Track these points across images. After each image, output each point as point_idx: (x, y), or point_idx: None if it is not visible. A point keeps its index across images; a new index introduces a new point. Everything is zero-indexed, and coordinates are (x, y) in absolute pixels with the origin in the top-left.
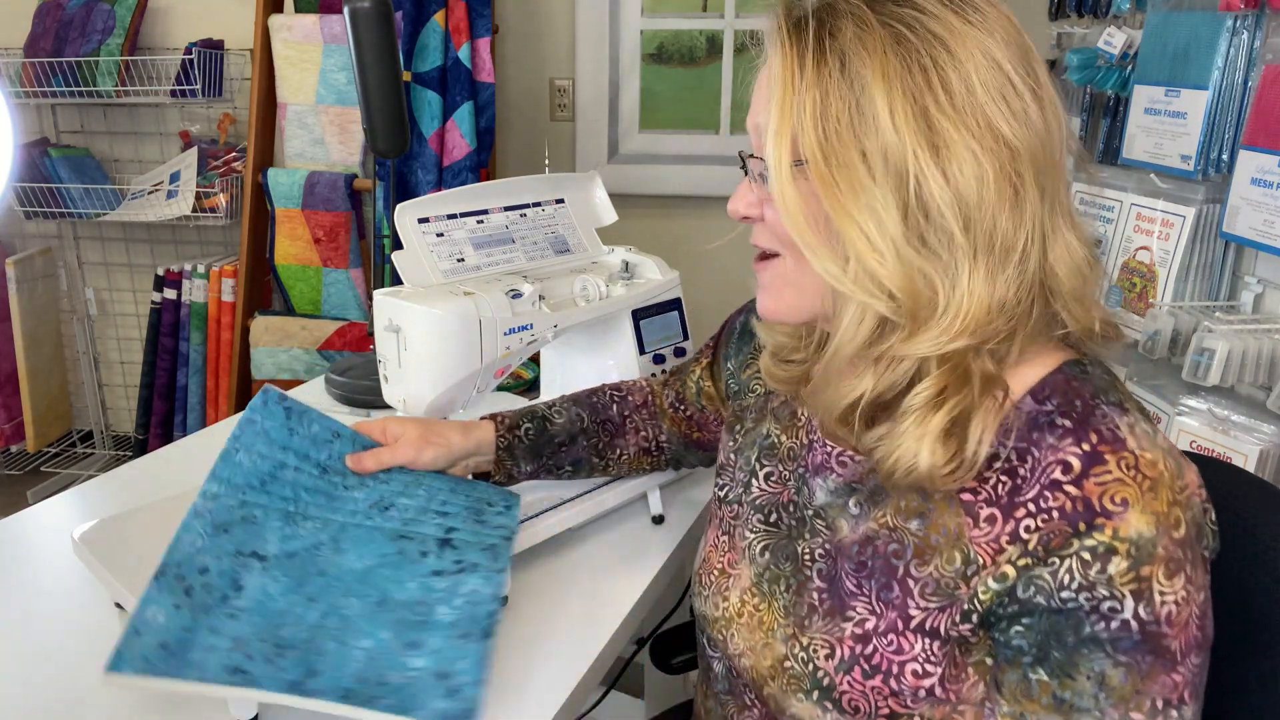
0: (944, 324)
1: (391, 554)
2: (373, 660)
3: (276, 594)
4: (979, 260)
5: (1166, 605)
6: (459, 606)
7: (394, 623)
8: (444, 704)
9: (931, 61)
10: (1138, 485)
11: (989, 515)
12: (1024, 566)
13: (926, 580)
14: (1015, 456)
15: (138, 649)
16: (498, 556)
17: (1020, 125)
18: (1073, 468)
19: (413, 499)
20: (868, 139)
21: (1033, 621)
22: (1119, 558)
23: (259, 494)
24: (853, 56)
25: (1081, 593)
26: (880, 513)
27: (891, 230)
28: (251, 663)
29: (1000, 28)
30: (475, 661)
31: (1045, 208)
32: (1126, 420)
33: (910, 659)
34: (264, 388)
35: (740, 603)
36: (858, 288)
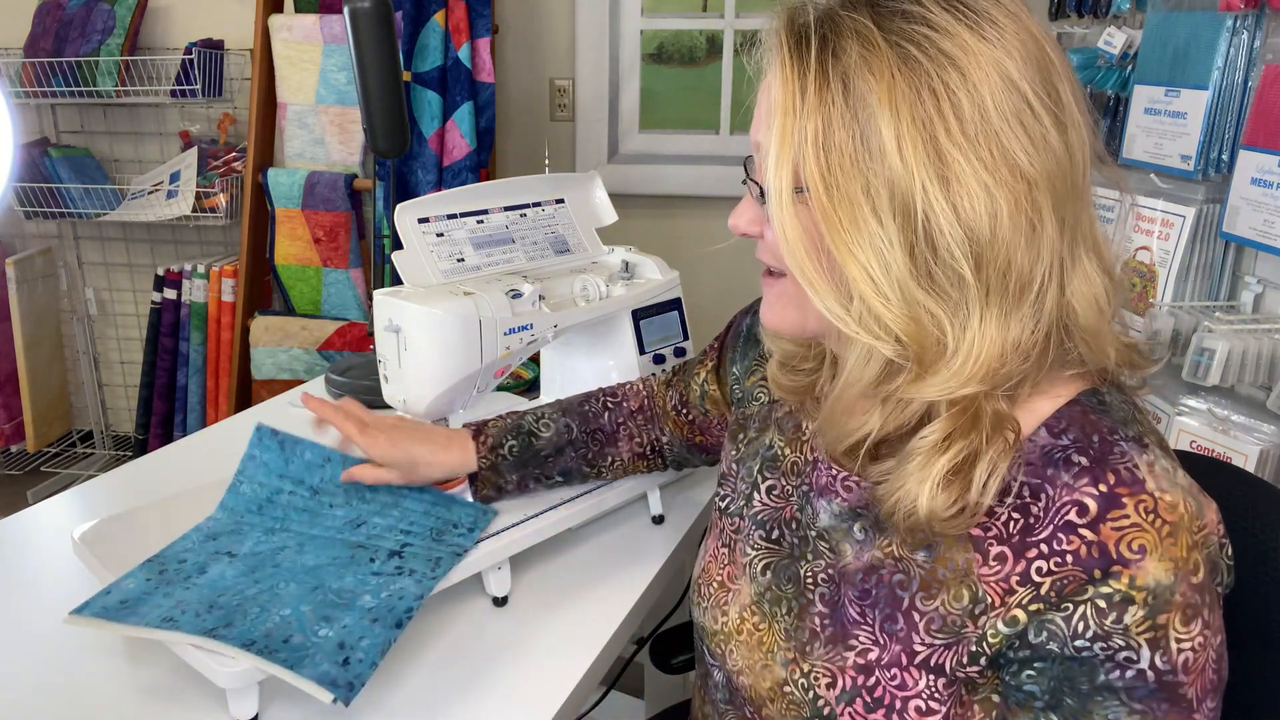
0: (954, 368)
1: (345, 558)
2: (285, 624)
3: (230, 576)
4: (992, 300)
5: (1184, 653)
6: (382, 598)
7: (318, 601)
8: (332, 670)
9: (943, 85)
10: (1156, 531)
11: (999, 553)
12: (1035, 611)
13: (933, 616)
14: (1028, 493)
15: (101, 602)
16: (438, 567)
17: (1038, 152)
18: (1089, 510)
19: (385, 518)
20: (873, 171)
21: (1045, 667)
22: (1135, 607)
23: (254, 515)
24: (857, 80)
25: (1096, 642)
26: (886, 541)
27: (897, 269)
28: (183, 617)
29: (1020, 43)
30: (376, 644)
31: (1065, 240)
32: (1146, 458)
33: (914, 695)
34: (256, 426)
35: (740, 619)
36: (862, 329)
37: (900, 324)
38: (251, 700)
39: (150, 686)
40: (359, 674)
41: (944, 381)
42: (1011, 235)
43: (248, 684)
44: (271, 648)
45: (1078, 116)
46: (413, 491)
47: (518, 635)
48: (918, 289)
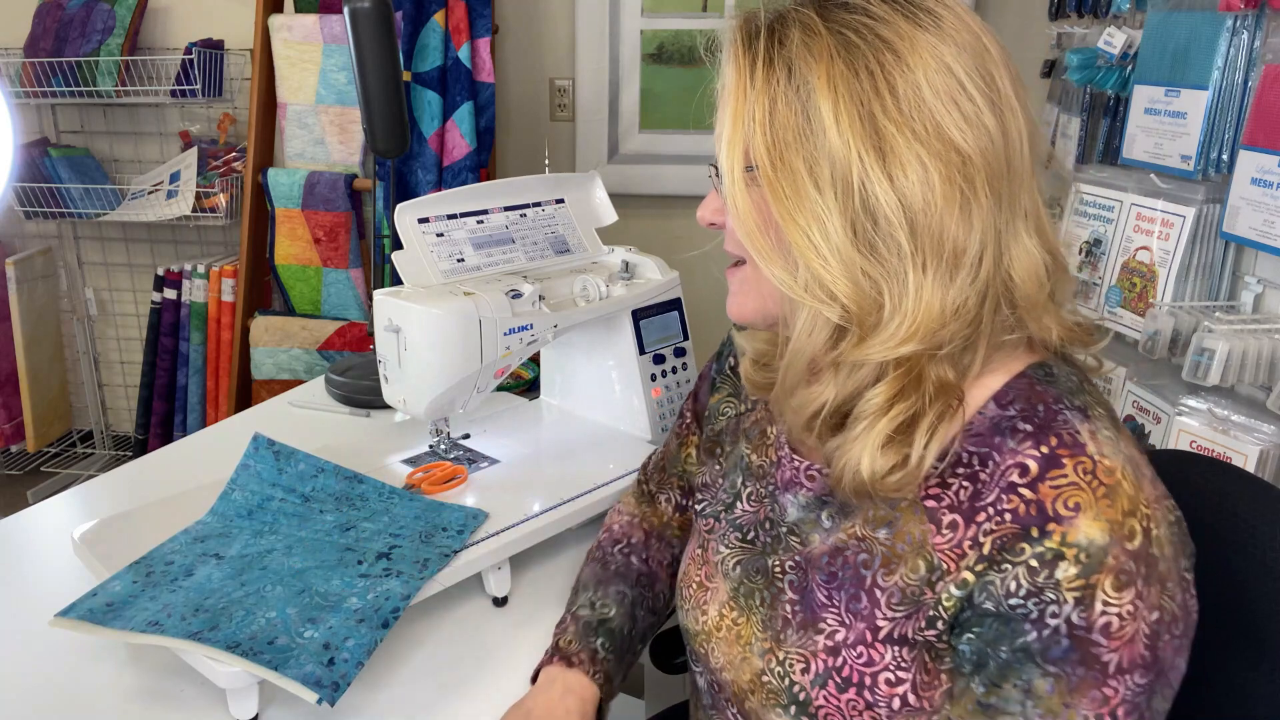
0: (892, 328)
1: (332, 560)
2: (271, 626)
3: (216, 579)
4: (928, 266)
5: (1107, 616)
6: (368, 599)
7: (304, 604)
8: (317, 670)
9: (879, 66)
10: (1092, 491)
11: (951, 521)
12: (980, 571)
13: (892, 590)
14: (978, 462)
15: (87, 604)
16: (426, 568)
17: (972, 130)
18: (1029, 471)
19: (374, 523)
20: (814, 145)
21: (981, 630)
22: (1067, 563)
23: (244, 520)
24: (799, 63)
25: (1030, 599)
26: (850, 524)
27: (837, 236)
28: (169, 620)
29: (956, 33)
30: (362, 644)
31: (1002, 214)
32: (1088, 426)
33: (882, 669)
34: (254, 435)
35: (719, 616)
36: (807, 294)
37: (841, 287)
38: (251, 700)
39: (150, 686)
40: (344, 674)
41: (884, 342)
42: (944, 205)
43: (247, 684)
44: (256, 649)
45: (1015, 104)
46: (403, 499)
47: (518, 635)
48: (857, 254)
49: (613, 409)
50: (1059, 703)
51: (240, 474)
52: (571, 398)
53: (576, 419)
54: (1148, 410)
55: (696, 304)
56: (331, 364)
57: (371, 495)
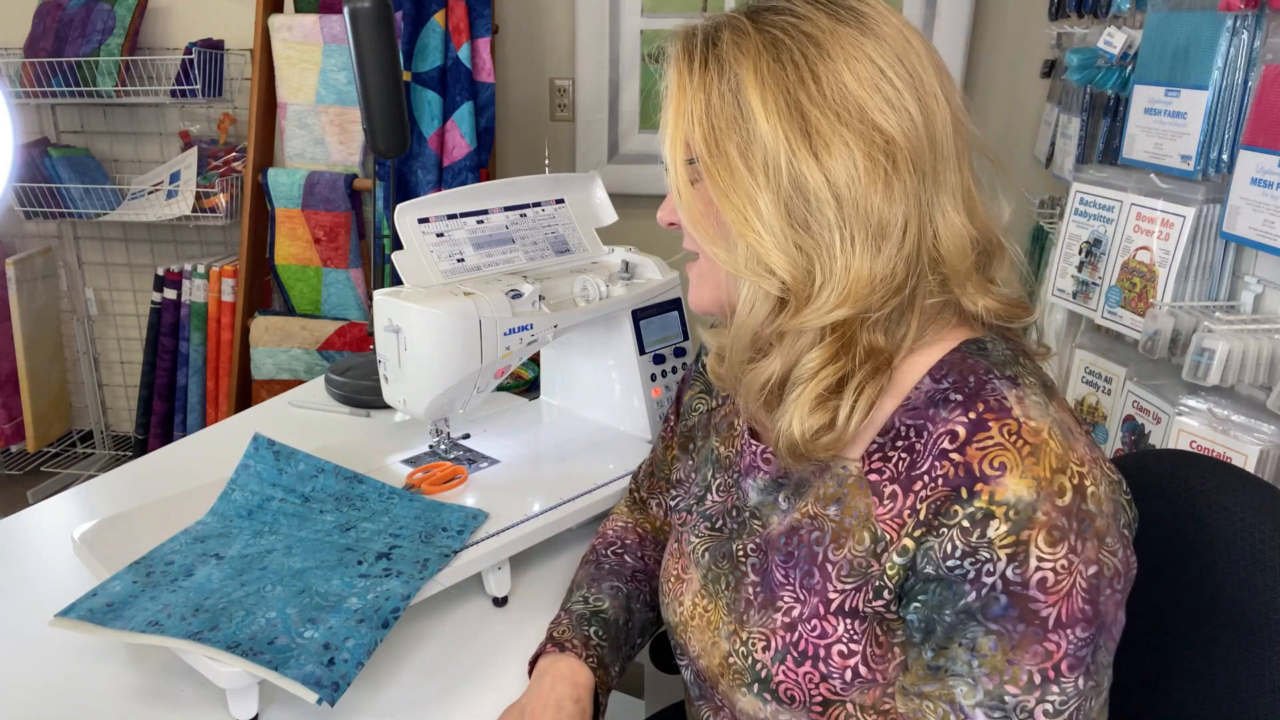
0: (825, 296)
1: (332, 560)
2: (271, 626)
3: (216, 579)
4: (855, 237)
5: (1042, 571)
6: (368, 599)
7: (304, 604)
8: (317, 670)
9: (803, 58)
10: (1017, 451)
11: (891, 492)
12: (919, 538)
13: (842, 563)
14: (914, 434)
15: (87, 604)
16: (426, 568)
17: (895, 113)
18: (959, 436)
19: (374, 523)
20: (746, 131)
21: (926, 597)
22: (997, 521)
23: (244, 520)
24: (730, 59)
25: (966, 559)
26: (803, 503)
27: (769, 213)
28: (169, 620)
29: (878, 27)
30: (362, 644)
31: (926, 189)
32: (1016, 392)
33: (835, 641)
34: (254, 436)
35: (692, 605)
36: (747, 270)
37: (776, 260)
38: (251, 701)
39: (150, 687)
40: (344, 674)
41: (817, 309)
42: (868, 180)
43: (247, 684)
44: (256, 649)
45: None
46: (403, 499)
47: (518, 635)
48: (789, 229)
49: (613, 409)
50: (1003, 659)
51: (240, 474)
52: (571, 398)
53: (576, 419)
54: (1148, 410)
55: None
56: (331, 364)
57: (371, 495)
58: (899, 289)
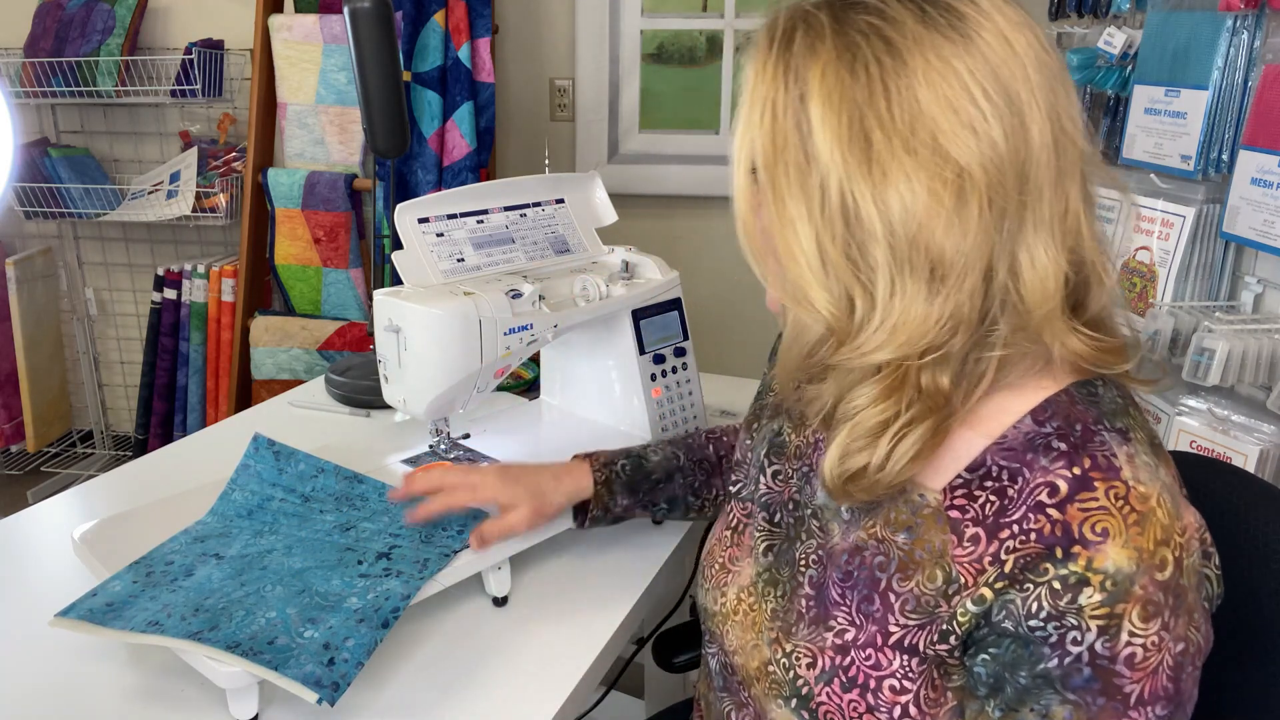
0: (865, 336)
1: (332, 560)
2: (270, 626)
3: (216, 578)
4: (907, 277)
5: (1132, 647)
6: (368, 599)
7: (304, 604)
8: (317, 670)
9: (879, 69)
10: (1123, 518)
11: (973, 534)
12: (1000, 589)
13: (908, 596)
14: (1007, 477)
15: (87, 604)
16: (425, 568)
17: (974, 139)
18: (1059, 491)
19: (375, 524)
20: (803, 149)
21: (998, 651)
22: (1091, 589)
23: (244, 520)
24: (799, 64)
25: (1050, 622)
26: (871, 522)
27: (814, 243)
28: (169, 620)
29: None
30: (362, 644)
31: (1007, 225)
32: (1126, 450)
33: (888, 674)
34: (254, 436)
35: (737, 600)
36: (790, 298)
37: (817, 294)
38: (251, 701)
39: (150, 686)
40: (344, 674)
41: (858, 349)
42: (927, 217)
43: (247, 684)
44: (256, 649)
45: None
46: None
47: (518, 635)
48: (833, 262)
49: (613, 409)
50: None
51: (240, 474)
52: (571, 398)
53: (576, 419)
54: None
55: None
56: (331, 364)
57: (372, 495)
58: (960, 330)
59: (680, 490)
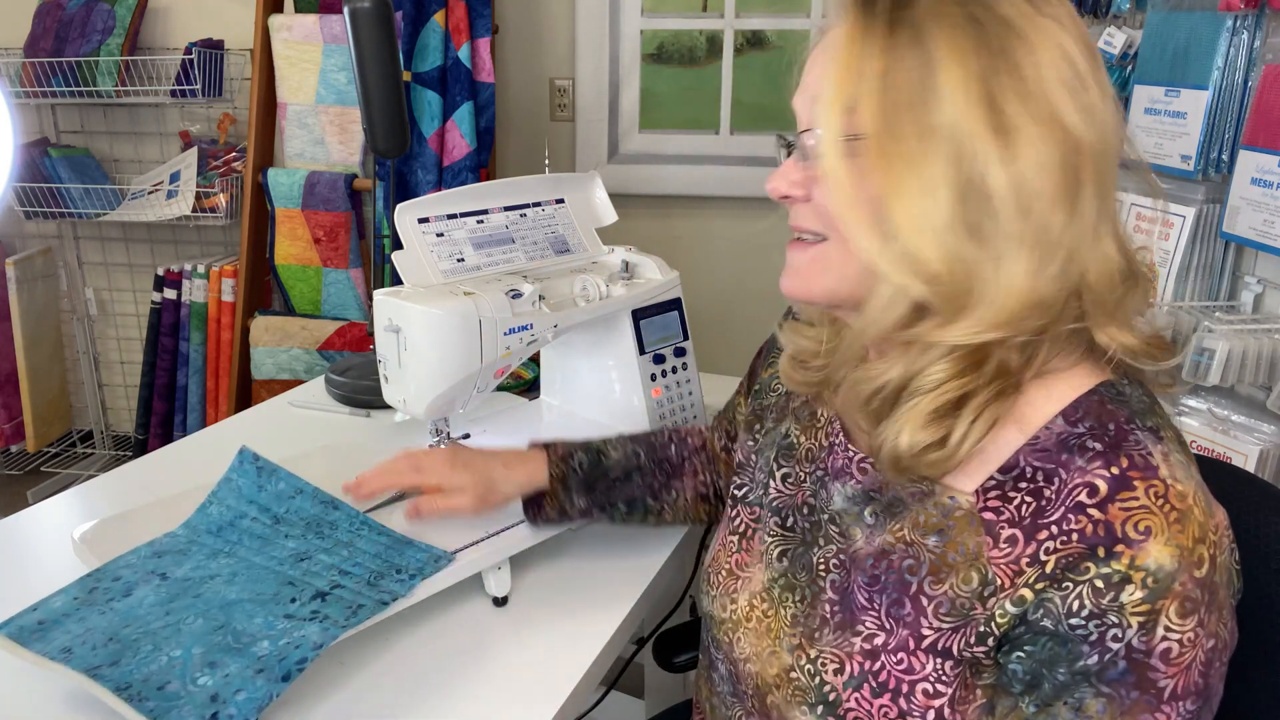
0: (978, 313)
1: (268, 594)
2: (170, 667)
3: (146, 603)
4: (1026, 252)
5: (1168, 642)
6: (279, 645)
7: (212, 643)
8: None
9: (1001, 45)
10: (1164, 516)
11: (1010, 536)
12: (1040, 590)
13: (941, 599)
14: (1042, 478)
15: (20, 621)
16: (355, 614)
17: (1086, 119)
18: (1099, 491)
19: (332, 556)
20: (930, 114)
21: (1035, 649)
22: (1133, 587)
23: (210, 537)
24: (927, 28)
25: (1092, 620)
26: (897, 525)
27: (943, 211)
28: (82, 648)
29: (1070, 22)
30: (253, 699)
31: (1096, 209)
32: (1160, 448)
33: (921, 679)
34: (240, 449)
35: (749, 606)
36: (896, 269)
37: (938, 263)
38: None
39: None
40: None
41: (969, 326)
42: (1054, 192)
43: None
44: (144, 695)
45: (1116, 101)
46: (373, 531)
47: (518, 635)
48: (960, 232)
49: (613, 409)
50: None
51: (221, 487)
52: (571, 398)
53: (576, 419)
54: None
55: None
56: (331, 364)
57: (342, 524)
58: (1050, 310)
59: (639, 491)
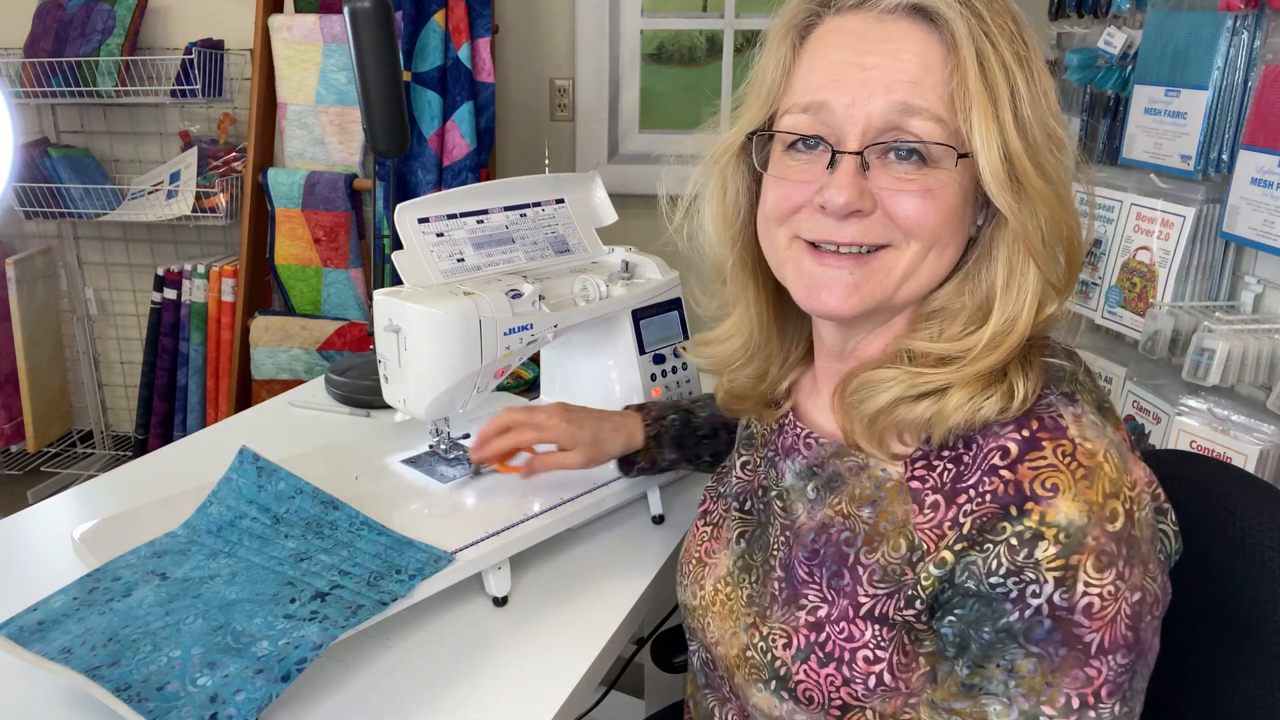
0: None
1: (267, 595)
2: (169, 668)
3: (146, 603)
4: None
5: (1089, 596)
6: (279, 646)
7: (212, 643)
8: None
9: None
10: (1071, 473)
11: (933, 501)
12: (960, 551)
13: (874, 567)
14: (962, 445)
15: (20, 621)
16: (354, 615)
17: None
18: (1010, 453)
19: (331, 556)
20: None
21: (963, 612)
22: (1046, 543)
23: (210, 537)
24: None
25: (1010, 577)
26: (836, 500)
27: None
28: (81, 648)
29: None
30: (253, 699)
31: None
32: (1073, 410)
33: (861, 645)
34: (240, 449)
35: (714, 591)
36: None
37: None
38: None
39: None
40: None
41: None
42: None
43: None
44: (143, 695)
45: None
46: (370, 534)
47: (518, 635)
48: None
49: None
50: (1042, 681)
51: (221, 487)
52: (571, 398)
53: None
54: (1148, 410)
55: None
56: (331, 364)
57: (342, 524)
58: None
59: (725, 445)
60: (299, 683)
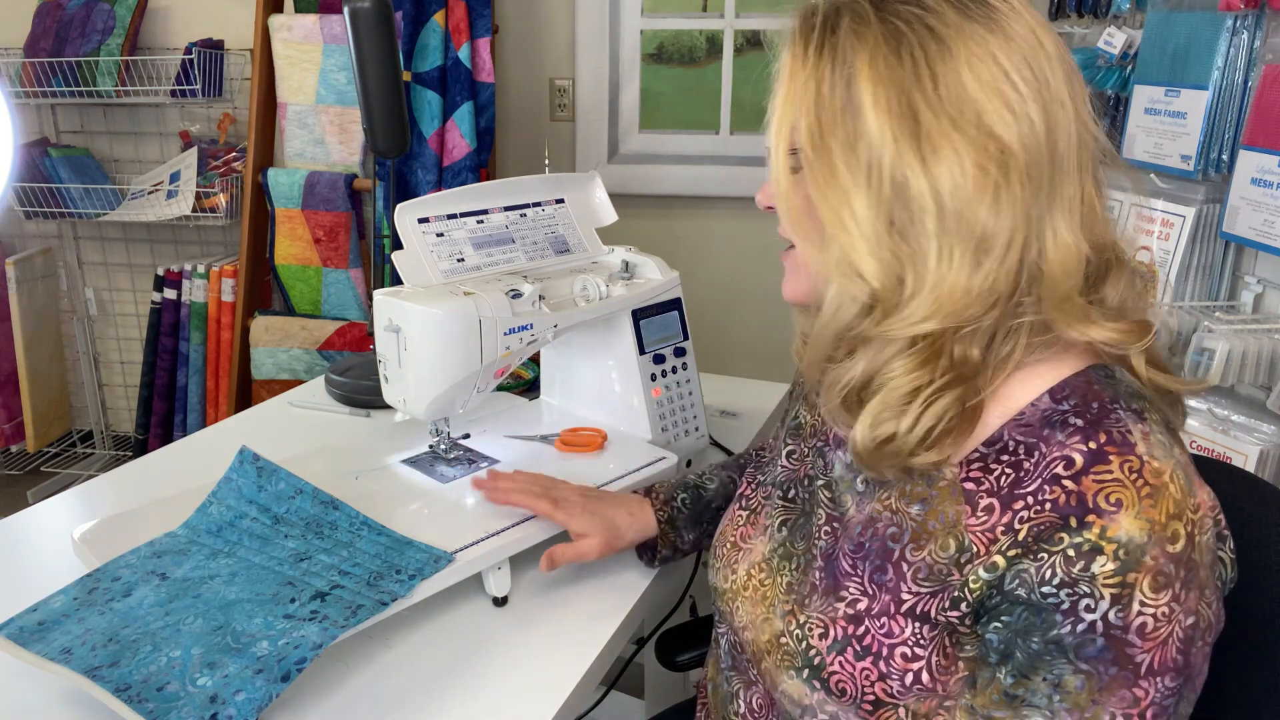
0: (913, 307)
1: (267, 595)
2: (169, 668)
3: (146, 604)
4: (955, 249)
5: (1143, 617)
6: (279, 645)
7: (212, 644)
8: None
9: (923, 54)
10: (1136, 490)
11: (988, 505)
12: (1013, 557)
13: (920, 565)
14: (1024, 451)
15: (20, 621)
16: (354, 615)
17: (1014, 119)
18: (1075, 464)
19: (331, 557)
20: (852, 127)
21: (1010, 619)
22: (1104, 558)
23: (210, 537)
24: (846, 48)
25: (1063, 589)
26: (885, 494)
27: (864, 215)
28: (81, 648)
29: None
30: (253, 699)
31: (1039, 203)
32: (1141, 428)
33: (900, 642)
34: (240, 449)
35: (747, 576)
36: (835, 270)
37: (867, 265)
38: None
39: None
40: None
41: (904, 319)
42: (975, 191)
43: None
44: (143, 695)
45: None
46: (370, 534)
47: (518, 635)
48: (885, 234)
49: (613, 409)
50: (1087, 699)
51: (221, 487)
52: (571, 398)
53: (576, 419)
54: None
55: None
56: (331, 364)
57: (342, 524)
58: (998, 304)
59: None
60: (299, 683)
